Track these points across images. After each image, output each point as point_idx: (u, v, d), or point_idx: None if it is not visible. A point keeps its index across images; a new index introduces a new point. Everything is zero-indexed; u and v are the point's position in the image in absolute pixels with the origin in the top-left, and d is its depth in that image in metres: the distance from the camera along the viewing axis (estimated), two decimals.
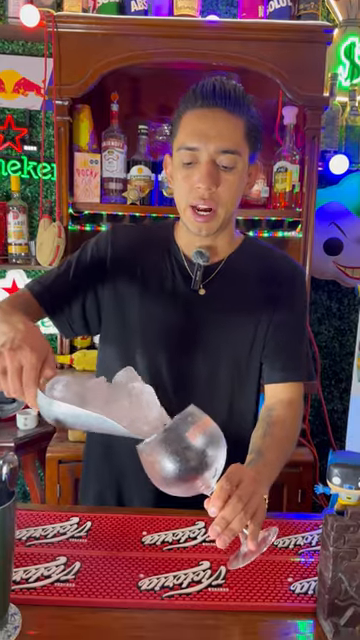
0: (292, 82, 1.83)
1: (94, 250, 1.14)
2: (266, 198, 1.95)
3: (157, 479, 0.78)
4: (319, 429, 2.37)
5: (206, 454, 0.76)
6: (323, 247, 2.20)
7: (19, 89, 2.23)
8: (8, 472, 0.71)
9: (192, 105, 1.00)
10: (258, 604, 0.77)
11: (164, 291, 1.11)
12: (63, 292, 1.12)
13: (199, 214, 1.01)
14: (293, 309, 1.13)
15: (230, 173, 1.00)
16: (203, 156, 0.98)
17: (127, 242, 1.14)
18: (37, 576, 0.81)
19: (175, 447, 0.75)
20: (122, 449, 1.14)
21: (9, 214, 2.14)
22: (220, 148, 0.98)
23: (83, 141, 1.93)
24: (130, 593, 0.78)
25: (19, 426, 2.03)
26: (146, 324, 1.10)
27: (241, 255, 1.14)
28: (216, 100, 0.98)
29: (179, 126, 1.02)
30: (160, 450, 0.75)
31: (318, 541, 0.93)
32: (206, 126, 0.98)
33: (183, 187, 1.02)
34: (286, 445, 1.04)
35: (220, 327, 1.10)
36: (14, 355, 0.81)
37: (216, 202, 1.00)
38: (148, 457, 0.77)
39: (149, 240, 1.16)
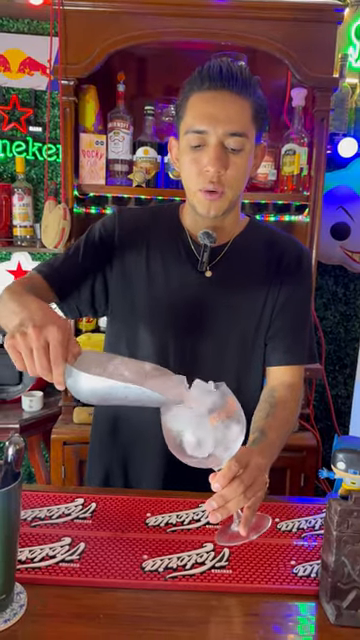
0: (301, 63, 1.80)
1: (102, 231, 1.14)
2: (273, 181, 1.92)
3: (172, 445, 0.79)
4: (323, 414, 2.37)
5: (227, 436, 0.77)
6: (330, 232, 2.18)
7: (24, 69, 2.20)
8: (14, 453, 0.71)
9: (198, 87, 0.99)
10: (261, 586, 0.78)
11: (171, 272, 1.11)
12: (72, 274, 1.11)
13: (208, 193, 1.00)
14: (298, 291, 1.13)
15: (238, 156, 0.99)
16: (212, 139, 0.98)
17: (134, 223, 1.15)
18: (42, 556, 0.82)
19: (199, 423, 0.76)
20: (129, 431, 1.16)
21: (14, 196, 2.12)
22: (228, 131, 0.97)
23: (89, 122, 1.91)
24: (134, 574, 0.79)
25: (24, 408, 2.04)
26: (153, 305, 1.11)
27: (247, 237, 1.14)
28: (223, 82, 0.97)
29: (186, 108, 1.01)
30: (184, 421, 0.78)
31: (321, 525, 0.94)
32: (214, 109, 0.97)
33: (191, 171, 1.01)
34: (287, 427, 1.05)
35: (226, 308, 1.10)
36: (40, 333, 0.78)
37: (225, 185, 1.00)
38: (171, 423, 0.79)
39: (155, 221, 1.16)
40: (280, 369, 1.13)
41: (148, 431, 1.11)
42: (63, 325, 0.81)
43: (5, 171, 2.26)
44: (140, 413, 1.12)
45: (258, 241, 1.14)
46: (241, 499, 0.78)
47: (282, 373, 1.12)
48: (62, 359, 0.78)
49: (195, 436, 0.77)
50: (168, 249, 1.12)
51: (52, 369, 0.78)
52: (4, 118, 2.19)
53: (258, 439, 0.96)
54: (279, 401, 1.06)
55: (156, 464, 1.12)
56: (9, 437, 0.72)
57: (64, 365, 0.79)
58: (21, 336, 0.78)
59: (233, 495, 0.78)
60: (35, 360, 0.78)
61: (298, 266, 1.13)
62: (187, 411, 0.78)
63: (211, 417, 0.76)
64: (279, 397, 1.07)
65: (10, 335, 0.80)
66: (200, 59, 1.92)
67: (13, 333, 0.79)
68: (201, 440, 0.77)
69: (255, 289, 1.11)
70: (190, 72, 1.04)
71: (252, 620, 0.73)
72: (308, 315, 1.16)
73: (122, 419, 1.17)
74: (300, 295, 1.14)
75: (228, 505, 0.78)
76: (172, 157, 1.10)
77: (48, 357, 0.78)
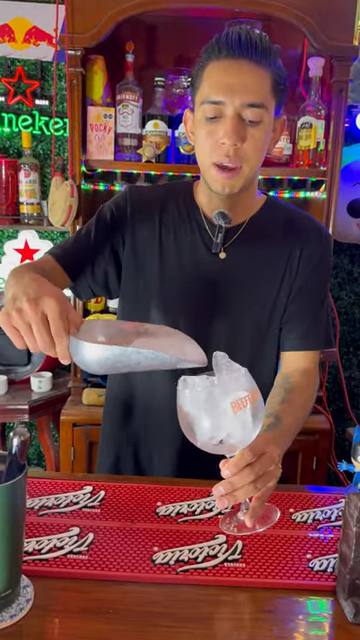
0: (319, 30, 1.71)
1: (113, 210, 1.10)
2: (288, 156, 1.85)
3: (186, 426, 0.76)
4: (336, 396, 2.33)
5: (245, 425, 0.73)
6: (347, 208, 2.10)
7: (30, 39, 2.12)
8: (19, 444, 0.68)
9: (216, 56, 0.93)
10: (275, 581, 0.75)
11: (184, 253, 1.07)
12: (84, 255, 1.07)
13: (223, 170, 0.95)
14: (317, 274, 1.09)
15: (256, 128, 0.94)
16: (228, 110, 0.92)
17: (146, 200, 1.10)
18: (50, 547, 0.80)
19: (219, 408, 0.72)
20: (141, 413, 1.13)
21: (20, 172, 2.07)
22: (246, 102, 0.92)
23: (97, 94, 1.84)
24: (144, 567, 0.76)
25: (33, 389, 2.03)
26: (164, 286, 1.07)
27: (264, 216, 1.09)
28: (242, 51, 0.91)
29: (202, 78, 0.96)
30: (203, 403, 0.73)
31: (338, 516, 0.91)
32: (232, 78, 0.92)
33: (206, 143, 0.96)
34: (302, 413, 1.02)
35: (240, 291, 1.06)
36: (36, 306, 0.73)
37: (241, 159, 0.95)
38: (188, 404, 0.74)
39: (169, 199, 1.11)
40: (295, 354, 1.09)
41: (161, 413, 1.09)
42: (59, 295, 0.76)
43: (11, 146, 2.20)
44: (153, 394, 1.10)
45: (275, 221, 1.09)
46: (250, 488, 0.75)
47: (297, 359, 1.09)
48: (64, 331, 0.74)
49: (212, 421, 0.73)
50: (181, 228, 1.08)
51: (55, 343, 0.74)
52: (9, 91, 2.13)
53: (273, 425, 0.93)
54: (295, 387, 1.03)
55: (168, 448, 1.10)
56: (14, 428, 0.69)
57: (67, 338, 0.74)
58: (17, 312, 0.74)
59: (242, 483, 0.75)
60: (36, 336, 0.73)
61: (317, 248, 1.08)
62: (207, 393, 0.73)
63: (233, 403, 0.72)
64: (295, 383, 1.04)
65: (4, 312, 0.75)
66: (213, 27, 1.83)
67: (7, 310, 0.74)
68: (218, 426, 0.73)
69: (271, 272, 1.07)
70: (202, 41, 0.99)
71: (266, 617, 0.70)
72: (326, 299, 1.12)
73: (134, 401, 1.14)
74: (318, 278, 1.09)
75: (236, 493, 0.75)
76: (187, 130, 1.05)
77: (49, 331, 0.73)
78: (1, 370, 2.08)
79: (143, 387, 1.12)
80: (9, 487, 0.64)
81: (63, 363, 0.77)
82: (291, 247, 1.07)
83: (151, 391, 1.11)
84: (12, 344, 1.74)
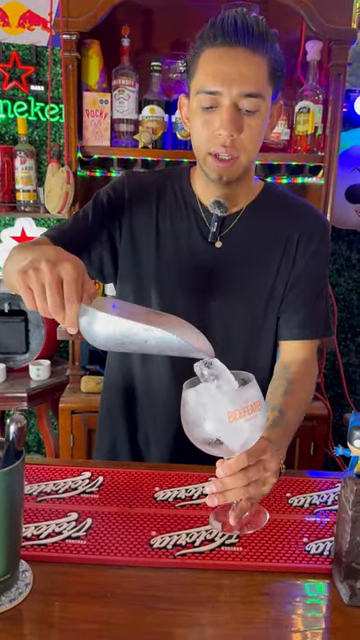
0: (317, 13, 1.69)
1: (110, 194, 1.08)
2: (286, 141, 1.84)
3: (187, 426, 0.76)
4: (334, 382, 2.34)
5: (246, 433, 0.73)
6: (345, 194, 2.09)
7: (24, 23, 2.09)
8: (16, 431, 0.68)
9: (211, 42, 0.91)
10: (272, 564, 0.76)
11: (180, 241, 1.06)
12: (80, 238, 1.05)
13: (220, 160, 0.94)
14: (314, 262, 1.08)
15: (253, 117, 0.92)
16: (225, 100, 0.90)
17: (143, 186, 1.09)
18: (48, 532, 0.80)
19: (223, 415, 0.72)
20: (137, 402, 1.13)
21: (16, 159, 2.05)
22: (243, 92, 0.90)
23: (92, 79, 1.82)
24: (142, 551, 0.77)
25: (32, 377, 2.03)
26: (162, 272, 1.06)
27: (261, 204, 1.08)
28: (238, 37, 0.89)
29: (197, 66, 0.93)
30: (207, 408, 0.73)
31: (334, 500, 0.91)
32: (228, 67, 0.90)
33: (202, 133, 0.94)
34: (304, 406, 1.02)
35: (237, 280, 1.06)
36: (53, 268, 0.71)
37: (238, 149, 0.93)
38: (192, 405, 0.74)
39: (166, 185, 1.10)
40: (294, 344, 1.08)
41: (157, 400, 1.10)
42: (78, 263, 0.74)
43: (7, 133, 2.18)
44: (150, 381, 1.10)
45: (273, 209, 1.08)
46: (241, 492, 0.76)
47: (296, 348, 1.08)
48: (76, 297, 0.72)
49: (214, 427, 0.73)
50: (178, 216, 1.07)
51: (65, 306, 0.72)
52: (4, 76, 2.10)
53: (278, 419, 0.92)
54: (296, 378, 1.02)
55: (165, 433, 1.11)
56: (11, 414, 0.69)
57: (78, 303, 0.72)
58: (33, 271, 0.71)
59: (234, 486, 0.75)
60: (48, 296, 0.71)
61: (315, 236, 1.07)
62: (213, 398, 0.74)
63: (236, 411, 0.72)
64: (294, 373, 1.03)
65: (22, 270, 0.72)
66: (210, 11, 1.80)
67: (25, 268, 0.72)
68: (220, 432, 0.73)
69: (268, 260, 1.06)
70: (199, 25, 0.96)
71: (263, 600, 0.71)
72: (324, 287, 1.11)
73: (131, 388, 1.14)
74: (316, 266, 1.08)
75: (227, 494, 0.75)
76: (182, 116, 1.03)
77: (61, 294, 0.71)
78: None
79: (140, 374, 1.12)
80: (7, 473, 0.65)
81: (70, 332, 0.75)
82: (288, 234, 1.06)
83: (148, 378, 1.11)
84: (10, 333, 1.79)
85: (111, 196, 1.08)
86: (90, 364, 1.97)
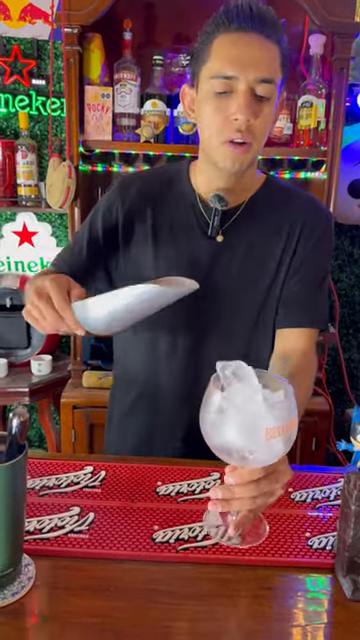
0: (320, 6, 1.68)
1: (105, 215, 1.09)
2: (289, 135, 1.83)
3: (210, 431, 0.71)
4: (335, 378, 2.34)
5: (271, 452, 0.69)
6: (348, 189, 2.08)
7: (25, 16, 2.08)
8: (18, 425, 0.68)
9: (225, 28, 0.90)
10: (275, 559, 0.76)
11: (179, 239, 1.06)
12: (80, 266, 1.09)
13: (235, 146, 0.93)
14: (316, 253, 1.06)
15: (266, 104, 0.92)
16: (241, 85, 0.90)
17: (137, 193, 1.09)
18: (51, 526, 0.80)
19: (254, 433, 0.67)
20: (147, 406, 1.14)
21: (17, 153, 2.05)
22: (259, 77, 0.89)
23: (94, 73, 1.82)
24: (144, 545, 0.77)
25: (33, 372, 2.03)
26: (161, 272, 1.05)
27: (263, 197, 1.07)
28: (254, 23, 0.89)
29: (210, 52, 0.92)
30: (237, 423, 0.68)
31: (337, 495, 0.91)
32: (243, 52, 0.89)
33: (215, 119, 0.93)
34: (305, 398, 1.00)
35: (238, 275, 1.05)
36: (41, 293, 0.84)
37: (252, 135, 0.92)
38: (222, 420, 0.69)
39: (163, 184, 1.09)
40: (292, 332, 1.06)
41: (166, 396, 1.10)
42: (57, 276, 0.86)
43: (8, 127, 2.17)
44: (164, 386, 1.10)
45: (275, 201, 1.07)
46: (248, 503, 0.73)
47: (295, 337, 1.06)
48: (65, 303, 0.81)
49: (241, 443, 0.68)
50: (177, 214, 1.06)
51: (62, 315, 0.82)
52: (5, 70, 2.09)
53: None
54: (297, 372, 0.99)
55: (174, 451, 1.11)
56: (13, 409, 0.69)
57: (70, 307, 0.81)
58: (30, 305, 0.86)
59: (242, 495, 0.72)
60: (45, 315, 0.83)
61: (317, 227, 1.06)
62: (245, 416, 0.68)
63: (269, 431, 0.67)
64: (296, 367, 1.00)
65: (25, 310, 0.89)
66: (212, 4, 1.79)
67: (27, 308, 0.88)
68: (246, 448, 0.69)
69: (270, 253, 1.05)
70: (201, 18, 0.96)
71: (266, 594, 0.71)
72: (325, 280, 1.10)
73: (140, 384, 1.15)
74: (318, 258, 1.07)
75: (232, 502, 0.73)
76: (185, 107, 1.01)
77: (54, 308, 0.82)
78: (1, 353, 2.08)
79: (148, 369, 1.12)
80: (9, 467, 0.64)
81: (79, 334, 0.83)
82: (290, 225, 1.05)
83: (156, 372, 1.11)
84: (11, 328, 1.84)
85: (106, 218, 1.09)
86: (92, 359, 1.97)
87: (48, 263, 2.27)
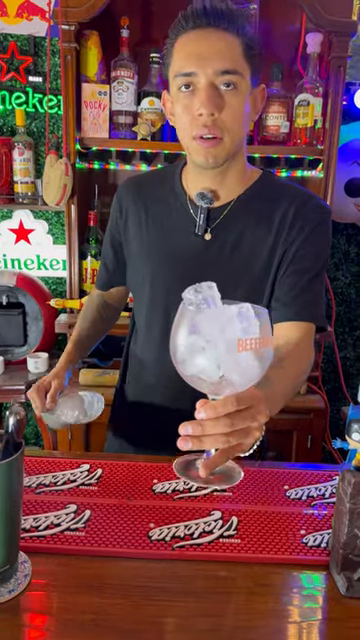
0: (317, 5, 1.69)
1: (112, 227, 1.17)
2: (285, 134, 1.83)
3: (177, 349, 0.67)
4: (331, 376, 2.35)
5: (244, 371, 0.64)
6: (344, 188, 2.09)
7: (23, 13, 2.07)
8: (15, 423, 0.68)
9: (184, 29, 0.93)
10: (270, 556, 0.76)
11: (169, 238, 1.07)
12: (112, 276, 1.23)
13: (204, 140, 0.94)
14: (309, 245, 1.02)
15: (233, 95, 0.92)
16: (201, 80, 0.91)
17: (133, 194, 1.12)
18: (47, 524, 0.80)
19: (225, 342, 0.63)
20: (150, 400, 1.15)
21: (14, 150, 2.04)
22: (219, 69, 0.90)
23: (91, 71, 1.82)
24: (140, 543, 0.77)
25: (30, 369, 2.03)
26: (155, 273, 1.08)
27: (254, 193, 1.05)
28: (209, 19, 0.90)
29: (172, 54, 0.95)
30: (208, 331, 0.64)
31: (332, 493, 0.92)
32: (201, 48, 0.91)
33: (184, 118, 0.94)
34: (294, 383, 0.96)
35: (227, 272, 1.03)
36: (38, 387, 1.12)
37: (221, 129, 0.93)
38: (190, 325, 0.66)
39: (156, 185, 1.11)
40: (286, 326, 1.03)
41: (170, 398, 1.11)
42: (40, 382, 1.13)
43: (5, 124, 2.17)
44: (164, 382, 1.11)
45: (266, 198, 1.05)
46: (221, 440, 0.65)
47: (288, 330, 1.02)
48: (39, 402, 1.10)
49: (212, 354, 0.64)
50: (167, 214, 1.08)
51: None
52: (2, 67, 2.09)
53: (262, 385, 0.79)
54: (287, 356, 0.97)
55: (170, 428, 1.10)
56: (10, 407, 0.69)
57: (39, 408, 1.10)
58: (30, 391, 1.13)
59: (214, 431, 0.65)
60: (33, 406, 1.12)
61: (309, 220, 1.02)
62: (217, 324, 0.64)
63: (240, 341, 0.62)
64: (286, 352, 0.98)
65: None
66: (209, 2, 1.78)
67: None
68: (215, 361, 0.64)
69: (259, 249, 1.03)
70: None
71: (261, 591, 0.71)
72: (320, 274, 1.05)
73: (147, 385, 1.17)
74: (310, 253, 1.03)
75: (204, 439, 0.65)
76: (167, 113, 1.03)
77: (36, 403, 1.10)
78: None
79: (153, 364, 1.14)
80: (6, 465, 0.65)
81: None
82: (280, 218, 1.02)
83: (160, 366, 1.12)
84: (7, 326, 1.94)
85: (113, 228, 1.17)
86: (88, 357, 1.97)
87: (44, 261, 2.27)
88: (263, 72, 1.78)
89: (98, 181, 2.05)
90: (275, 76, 1.80)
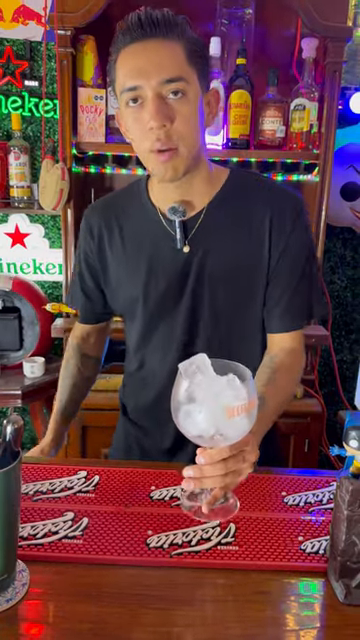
0: (313, 10, 1.69)
1: (87, 255, 1.14)
2: (281, 138, 1.84)
3: (176, 411, 0.77)
4: (328, 379, 2.35)
5: (235, 430, 0.75)
6: (340, 192, 2.10)
7: (18, 17, 2.07)
8: (12, 432, 0.68)
9: (123, 44, 0.90)
10: (268, 563, 0.76)
11: (149, 256, 1.05)
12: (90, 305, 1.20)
13: (160, 152, 0.92)
14: (292, 248, 1.01)
15: (182, 103, 0.90)
16: (148, 93, 0.89)
17: (104, 220, 1.10)
18: (45, 532, 0.80)
19: (216, 411, 0.74)
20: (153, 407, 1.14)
21: (10, 155, 2.04)
22: (163, 78, 0.88)
23: (87, 75, 1.82)
24: (138, 550, 0.77)
25: (26, 374, 2.02)
26: (145, 293, 1.06)
27: (225, 196, 1.03)
28: (145, 30, 0.88)
29: (115, 70, 0.93)
30: (200, 400, 0.75)
31: (329, 499, 0.92)
32: (141, 60, 0.89)
33: (136, 132, 0.93)
34: (286, 395, 1.01)
35: (211, 282, 1.03)
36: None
37: (175, 139, 0.91)
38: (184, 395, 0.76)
39: (124, 206, 1.10)
40: (278, 336, 1.05)
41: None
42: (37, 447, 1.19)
43: (0, 128, 2.16)
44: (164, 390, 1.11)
45: (239, 198, 1.03)
46: (218, 480, 0.78)
47: (280, 339, 1.05)
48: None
49: (205, 419, 0.75)
50: (143, 231, 1.06)
51: None
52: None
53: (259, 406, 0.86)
54: (280, 367, 1.00)
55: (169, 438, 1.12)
56: (7, 415, 0.69)
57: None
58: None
59: (212, 474, 0.77)
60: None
61: (288, 220, 1.01)
62: (208, 393, 0.75)
63: (230, 409, 0.73)
64: (279, 362, 1.01)
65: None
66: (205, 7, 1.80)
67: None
68: (210, 425, 0.75)
69: (241, 251, 1.02)
70: (194, 22, 0.95)
71: (259, 599, 0.71)
72: (306, 273, 1.04)
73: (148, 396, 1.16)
74: (294, 250, 1.02)
75: (204, 480, 0.78)
76: (122, 130, 1.01)
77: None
78: None
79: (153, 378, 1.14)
80: (4, 474, 0.64)
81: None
82: (260, 219, 1.01)
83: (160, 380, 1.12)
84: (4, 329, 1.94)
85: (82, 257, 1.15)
86: None
87: (40, 265, 2.27)
88: (260, 77, 1.81)
89: (94, 185, 2.05)
90: (271, 81, 1.80)
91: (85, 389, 1.31)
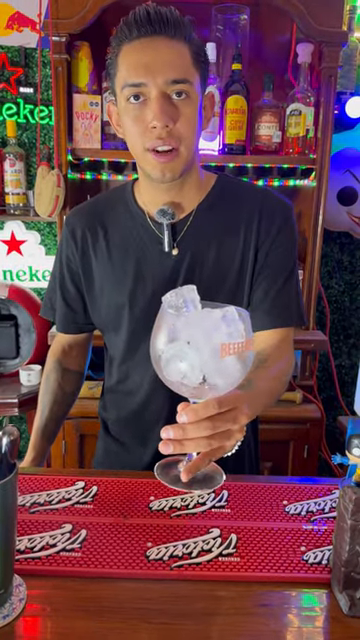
0: (308, 15, 1.69)
1: (69, 263, 1.11)
2: (278, 144, 1.83)
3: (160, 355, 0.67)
4: (326, 385, 2.34)
5: (226, 374, 0.65)
6: (337, 197, 2.10)
7: (13, 24, 2.07)
8: (8, 444, 0.67)
9: (128, 38, 0.89)
10: (270, 574, 0.75)
11: (138, 260, 1.04)
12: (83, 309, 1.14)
13: (160, 154, 0.91)
14: (278, 253, 1.02)
15: (186, 104, 0.89)
16: (152, 91, 0.88)
17: (87, 226, 1.08)
18: (42, 545, 0.79)
19: (208, 347, 0.63)
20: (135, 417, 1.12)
21: (5, 162, 2.03)
22: (170, 78, 0.87)
23: (82, 82, 1.81)
24: (138, 563, 0.76)
25: (22, 382, 2.01)
26: (131, 299, 1.04)
27: (214, 200, 1.03)
28: (154, 27, 0.87)
29: (118, 63, 0.91)
30: (191, 336, 0.64)
31: (331, 507, 0.90)
32: (149, 57, 0.87)
33: (135, 130, 0.91)
34: (277, 382, 0.96)
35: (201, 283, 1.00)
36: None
37: (176, 139, 0.90)
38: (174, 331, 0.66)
39: (109, 211, 1.08)
40: (264, 333, 1.03)
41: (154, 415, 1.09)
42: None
43: None
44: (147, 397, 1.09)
45: (227, 202, 1.03)
46: (203, 443, 0.66)
47: (267, 336, 1.02)
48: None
49: (194, 358, 0.64)
50: (128, 236, 1.04)
51: None
52: None
53: (245, 386, 0.79)
54: (268, 357, 0.97)
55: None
56: (3, 427, 0.67)
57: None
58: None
59: (196, 435, 0.66)
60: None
61: (273, 224, 1.01)
62: (200, 329, 0.65)
63: (224, 346, 0.63)
64: (268, 354, 0.98)
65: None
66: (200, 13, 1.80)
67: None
68: (198, 366, 0.64)
69: (229, 258, 1.02)
70: None
71: (261, 611, 0.70)
72: (292, 274, 1.04)
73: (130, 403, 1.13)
74: (279, 256, 1.02)
75: (186, 443, 0.66)
76: (113, 125, 1.00)
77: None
78: None
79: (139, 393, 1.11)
80: (0, 487, 0.63)
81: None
82: (247, 223, 1.01)
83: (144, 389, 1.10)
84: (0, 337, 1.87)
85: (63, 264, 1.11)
86: None
87: (37, 272, 2.26)
88: (255, 82, 1.80)
89: (90, 192, 2.03)
90: (266, 86, 1.80)
91: (66, 406, 1.27)
